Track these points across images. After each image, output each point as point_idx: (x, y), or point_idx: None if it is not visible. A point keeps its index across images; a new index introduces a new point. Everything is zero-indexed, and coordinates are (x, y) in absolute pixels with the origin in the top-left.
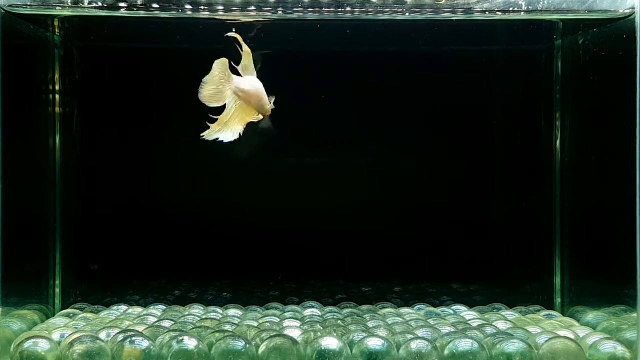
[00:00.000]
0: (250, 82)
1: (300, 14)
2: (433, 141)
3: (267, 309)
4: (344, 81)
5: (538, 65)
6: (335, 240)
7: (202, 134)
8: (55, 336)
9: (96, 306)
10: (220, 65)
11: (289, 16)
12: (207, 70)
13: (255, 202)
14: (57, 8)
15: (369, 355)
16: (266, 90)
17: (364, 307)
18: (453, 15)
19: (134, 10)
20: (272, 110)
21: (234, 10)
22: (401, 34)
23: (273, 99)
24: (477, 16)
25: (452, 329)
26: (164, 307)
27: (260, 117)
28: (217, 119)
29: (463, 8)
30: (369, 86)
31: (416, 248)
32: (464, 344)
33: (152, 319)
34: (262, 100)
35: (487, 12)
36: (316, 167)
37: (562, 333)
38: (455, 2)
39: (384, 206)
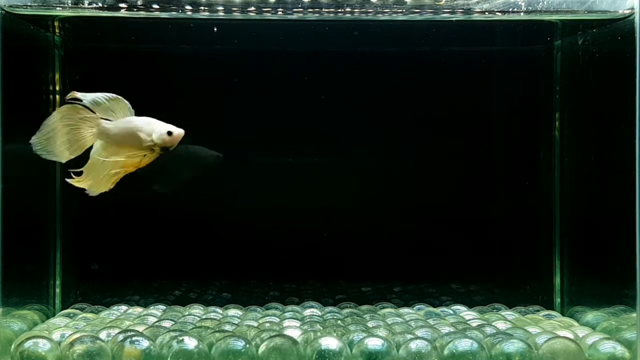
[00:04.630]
0: (117, 123)
1: (300, 15)
2: (433, 141)
3: (267, 309)
4: (345, 81)
5: (537, 65)
6: (335, 240)
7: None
8: (56, 336)
9: (96, 306)
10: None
11: (289, 16)
12: (207, 70)
13: (255, 202)
14: (57, 8)
15: (368, 355)
16: None
17: (364, 307)
18: (452, 15)
19: (134, 10)
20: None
21: (234, 11)
22: (401, 35)
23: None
24: (476, 17)
25: (452, 329)
26: (164, 307)
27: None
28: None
29: (462, 8)
30: (368, 86)
31: (416, 248)
32: (464, 344)
33: (152, 319)
34: (139, 138)
35: (486, 13)
36: (316, 167)
37: (561, 333)
38: (455, 2)
39: (384, 206)
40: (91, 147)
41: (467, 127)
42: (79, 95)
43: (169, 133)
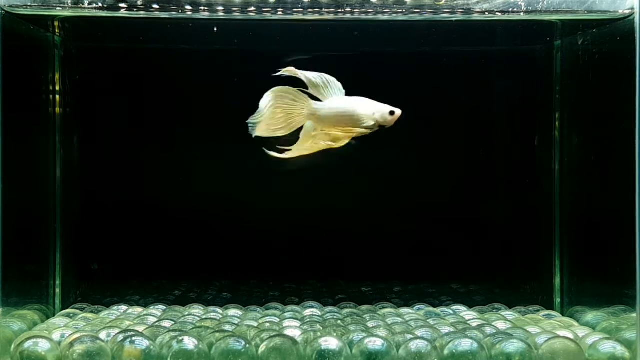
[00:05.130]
0: (329, 104)
1: (300, 15)
2: (433, 141)
3: (267, 309)
4: (345, 81)
5: (537, 65)
6: (335, 240)
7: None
8: (56, 336)
9: (96, 306)
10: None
11: (289, 16)
12: (207, 70)
13: (256, 202)
14: (57, 8)
15: (368, 355)
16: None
17: (364, 307)
18: (452, 15)
19: (134, 10)
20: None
21: (234, 11)
22: (401, 35)
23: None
24: (476, 17)
25: (452, 329)
26: (164, 307)
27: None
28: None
29: (462, 9)
30: (368, 86)
31: (416, 248)
32: (464, 344)
33: (152, 319)
34: (358, 117)
35: (486, 13)
36: (316, 167)
37: (561, 333)
38: (455, 2)
39: (384, 206)
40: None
41: (467, 127)
42: (296, 70)
43: (391, 113)
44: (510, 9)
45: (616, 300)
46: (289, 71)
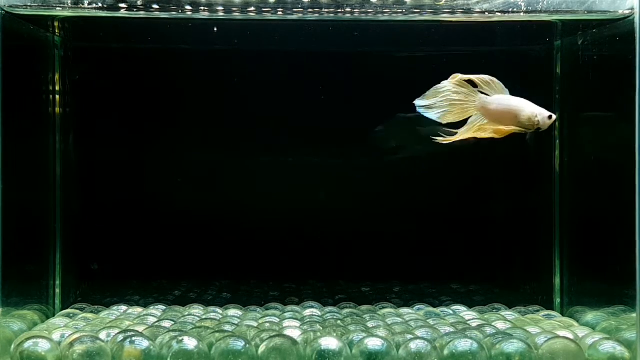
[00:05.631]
0: (497, 100)
1: (300, 15)
2: (432, 141)
3: (267, 309)
4: (345, 81)
5: (537, 65)
6: (335, 240)
7: (435, 138)
8: (56, 336)
9: (96, 306)
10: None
11: (289, 17)
12: (206, 70)
13: (256, 202)
14: (57, 8)
15: (368, 355)
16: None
17: (364, 307)
18: (452, 16)
19: (133, 10)
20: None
21: (234, 11)
22: (401, 35)
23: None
24: (476, 17)
25: (452, 329)
26: (164, 307)
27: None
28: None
29: (462, 9)
30: (368, 86)
31: (416, 248)
32: (464, 344)
33: (152, 319)
34: (523, 116)
35: (486, 13)
36: (316, 167)
37: (561, 333)
38: (455, 2)
39: (384, 206)
40: None
41: None
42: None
43: (549, 117)
44: (510, 9)
45: (616, 300)
46: (454, 77)
